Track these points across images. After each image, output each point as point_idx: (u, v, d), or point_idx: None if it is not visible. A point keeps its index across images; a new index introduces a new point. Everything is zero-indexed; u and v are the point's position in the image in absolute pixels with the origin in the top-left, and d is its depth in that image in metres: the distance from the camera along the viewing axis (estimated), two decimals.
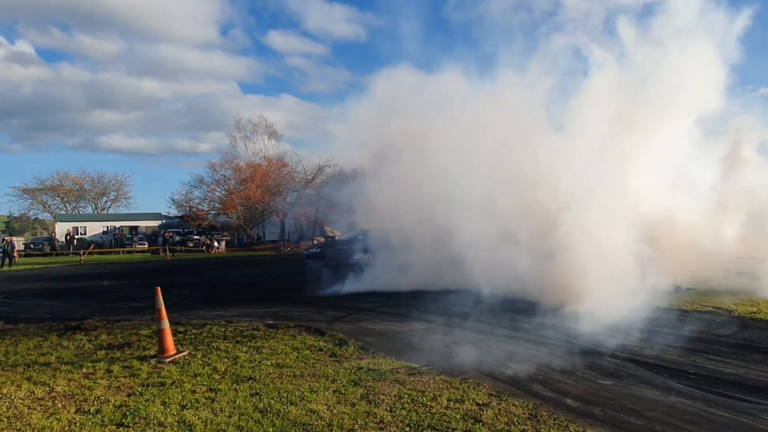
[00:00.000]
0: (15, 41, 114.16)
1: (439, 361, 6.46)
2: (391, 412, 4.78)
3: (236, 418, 4.71)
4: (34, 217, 71.05)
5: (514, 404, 4.91)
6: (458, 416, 4.64)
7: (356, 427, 4.47)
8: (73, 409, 5.05)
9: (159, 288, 7.19)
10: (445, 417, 4.63)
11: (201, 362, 6.57)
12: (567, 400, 5.07)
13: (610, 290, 9.07)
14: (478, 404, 4.92)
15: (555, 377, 5.77)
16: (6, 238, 31.67)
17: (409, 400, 5.04)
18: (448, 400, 5.04)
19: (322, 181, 48.35)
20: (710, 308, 9.49)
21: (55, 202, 67.68)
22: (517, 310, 9.82)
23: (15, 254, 29.50)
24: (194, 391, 5.46)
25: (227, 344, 7.44)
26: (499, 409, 4.79)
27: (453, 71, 14.87)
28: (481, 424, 4.48)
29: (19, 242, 46.97)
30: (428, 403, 4.97)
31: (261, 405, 4.99)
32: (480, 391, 5.30)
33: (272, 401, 5.08)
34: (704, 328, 7.99)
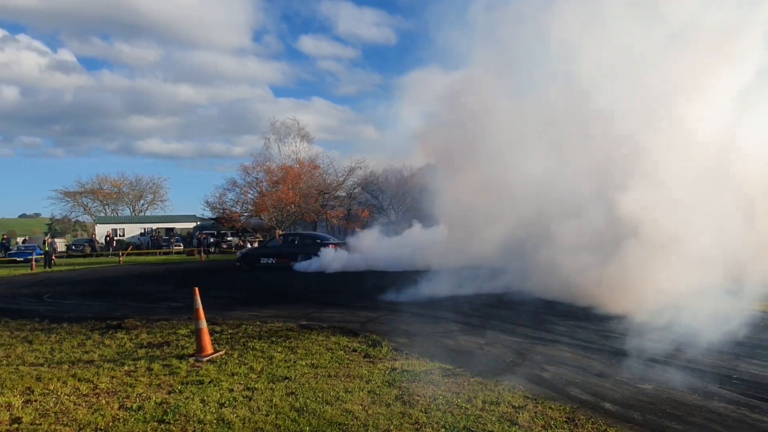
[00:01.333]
0: (58, 50, 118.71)
1: (473, 362, 6.43)
2: (426, 413, 4.77)
3: (273, 416, 4.78)
4: (75, 220, 73.65)
5: (550, 407, 4.84)
6: (494, 418, 4.61)
7: (392, 427, 4.48)
8: (116, 406, 5.21)
9: (197, 289, 7.35)
10: (480, 419, 4.60)
11: (237, 361, 6.69)
12: (605, 403, 4.97)
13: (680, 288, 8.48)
14: (513, 407, 4.87)
15: (593, 381, 5.67)
16: (47, 239, 32.73)
17: (443, 402, 5.02)
18: (483, 402, 5.01)
19: (353, 182, 48.64)
20: None
21: (95, 204, 69.99)
22: (558, 313, 9.67)
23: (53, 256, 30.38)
24: (232, 390, 5.57)
25: (262, 344, 7.56)
26: (536, 412, 4.73)
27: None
28: (517, 426, 4.44)
29: (61, 243, 48.74)
30: (463, 404, 4.95)
31: (297, 404, 5.05)
32: (515, 393, 5.24)
33: (308, 401, 5.14)
34: None
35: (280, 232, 37.13)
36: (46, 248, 29.92)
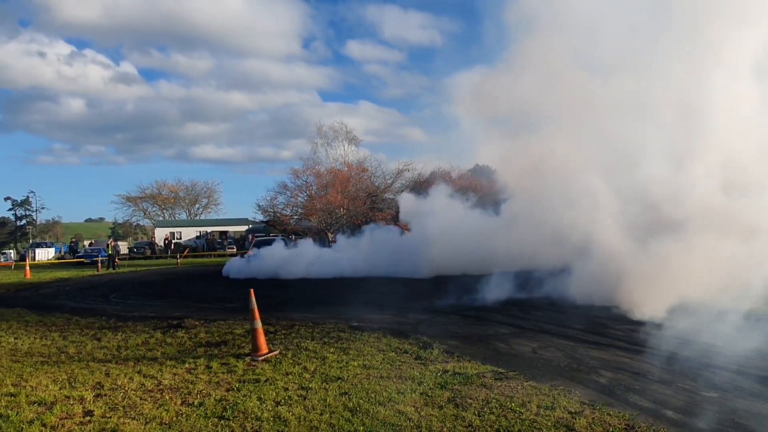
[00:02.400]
0: (120, 63, 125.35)
1: (526, 366, 6.33)
2: (479, 416, 4.74)
3: (327, 416, 4.87)
4: (135, 223, 77.23)
5: (608, 414, 4.71)
6: (549, 423, 4.52)
7: (445, 430, 4.48)
8: (179, 402, 5.45)
9: (252, 290, 7.58)
10: (535, 424, 4.53)
11: (291, 361, 6.85)
12: (667, 411, 4.79)
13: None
14: (570, 412, 4.77)
15: (652, 387, 5.47)
16: (110, 242, 34.37)
17: (497, 405, 4.98)
18: (538, 406, 4.92)
19: (401, 185, 48.67)
20: None
21: (154, 209, 73.18)
22: (610, 317, 9.38)
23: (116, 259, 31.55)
24: (287, 389, 5.71)
25: (315, 345, 7.70)
26: (593, 419, 4.61)
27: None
28: None
29: (123, 246, 51.24)
30: (517, 409, 4.88)
31: (350, 404, 5.13)
32: (571, 398, 5.13)
33: (361, 401, 5.20)
34: None
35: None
36: (110, 251, 31.51)
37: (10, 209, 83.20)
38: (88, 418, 5.07)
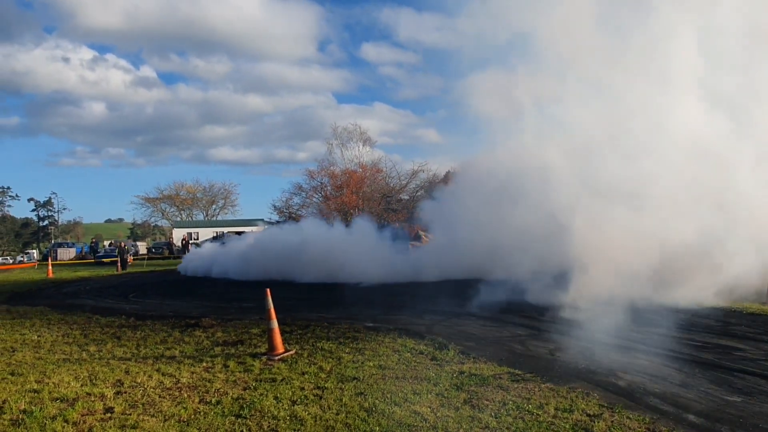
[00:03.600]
0: (140, 67, 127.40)
1: (543, 368, 6.27)
2: (496, 418, 4.71)
3: (343, 415, 4.88)
4: (154, 224, 78.31)
5: (628, 417, 4.65)
6: (567, 426, 4.48)
7: (461, 431, 4.46)
8: (197, 399, 5.50)
9: (268, 290, 7.63)
10: (553, 426, 4.49)
11: (307, 361, 6.88)
12: (689, 415, 4.71)
13: None
14: (588, 415, 4.71)
15: (673, 390, 5.38)
16: (121, 243, 34.46)
17: (514, 407, 4.94)
18: (556, 409, 4.88)
19: (416, 185, 48.59)
20: None
21: (172, 210, 74.07)
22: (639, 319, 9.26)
23: (129, 258, 31.15)
24: (303, 388, 5.73)
25: (331, 345, 7.72)
26: (612, 422, 4.55)
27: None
28: None
29: (142, 246, 51.93)
30: (534, 411, 4.84)
31: (366, 404, 5.13)
32: (590, 401, 5.07)
33: (377, 401, 5.20)
34: None
35: None
36: (117, 252, 30.67)
37: (33, 210, 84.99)
38: (108, 414, 5.15)
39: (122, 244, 33.38)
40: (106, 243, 58.82)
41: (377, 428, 4.57)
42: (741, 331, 8.19)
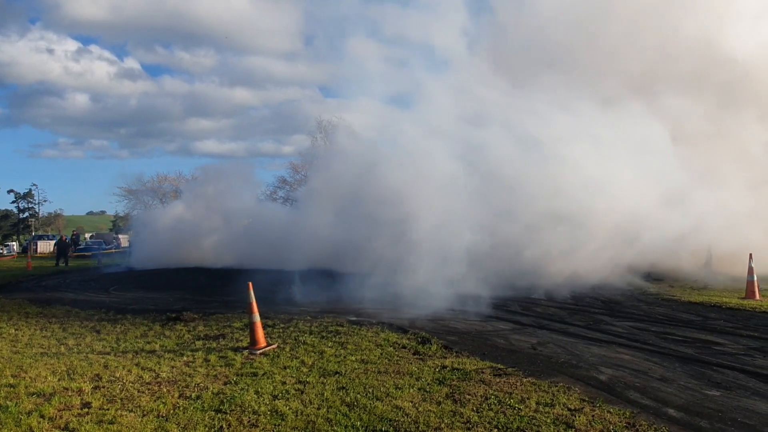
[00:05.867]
0: (125, 59, 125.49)
1: (525, 362, 6.29)
2: (477, 412, 4.71)
3: (325, 410, 4.84)
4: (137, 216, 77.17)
5: (609, 411, 4.67)
6: (548, 420, 4.49)
7: (443, 425, 4.45)
8: (176, 394, 5.42)
9: (251, 284, 7.55)
10: (534, 420, 4.49)
11: (289, 355, 6.82)
12: (668, 409, 4.75)
13: None
14: (569, 409, 4.73)
15: (654, 385, 5.43)
16: (62, 236, 33.29)
17: (495, 402, 4.94)
18: (537, 403, 4.89)
19: None
20: None
21: (155, 202, 73.10)
22: (609, 312, 9.34)
23: (70, 253, 29.21)
24: (284, 383, 5.68)
25: (313, 339, 7.67)
26: (593, 416, 4.57)
27: None
28: (573, 430, 4.31)
29: (124, 239, 51.21)
30: (516, 405, 4.85)
31: (348, 399, 5.10)
32: (571, 395, 5.09)
33: (358, 396, 5.17)
34: None
35: None
36: (55, 244, 29.16)
37: (12, 202, 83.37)
38: (86, 409, 5.05)
39: (63, 238, 32.10)
40: (88, 235, 57.94)
41: (358, 423, 4.54)
42: (720, 325, 8.31)
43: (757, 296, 10.54)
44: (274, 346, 7.24)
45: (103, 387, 5.71)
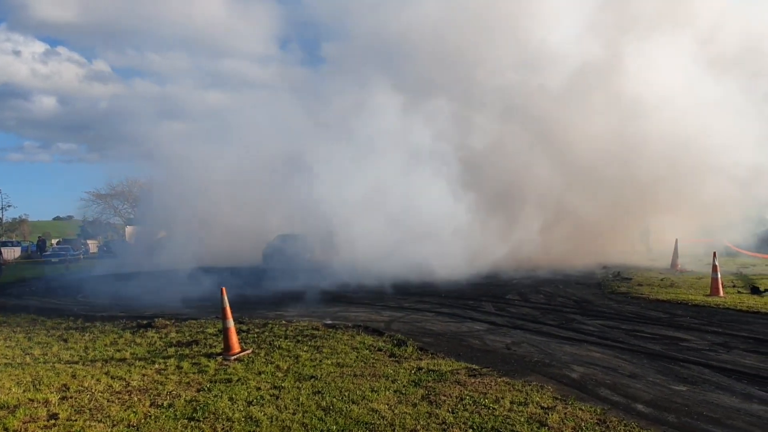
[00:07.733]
0: (94, 61, 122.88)
1: (499, 362, 6.36)
2: (453, 413, 4.74)
3: (300, 415, 4.81)
4: (106, 222, 75.37)
5: (580, 409, 4.76)
6: (522, 419, 4.55)
7: (418, 427, 4.46)
8: (148, 403, 5.31)
9: (224, 289, 7.45)
10: (508, 420, 4.55)
11: (264, 360, 6.75)
12: (638, 405, 4.87)
13: None
14: (542, 408, 4.80)
15: (624, 382, 5.55)
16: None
17: (470, 402, 4.98)
18: (511, 402, 4.95)
19: None
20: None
21: (125, 207, 71.49)
22: (585, 313, 9.51)
23: (3, 261, 26.19)
24: (259, 388, 5.62)
25: (288, 343, 7.61)
26: (565, 414, 4.65)
27: None
28: (546, 428, 4.37)
29: (93, 244, 50.01)
30: (491, 405, 4.90)
31: (323, 403, 5.07)
32: (544, 394, 5.17)
33: (334, 400, 5.15)
34: None
35: None
36: None
37: None
38: (53, 421, 4.91)
39: None
40: (54, 241, 56.33)
41: (334, 427, 4.52)
42: (686, 322, 8.55)
43: (721, 293, 10.86)
44: (248, 352, 7.16)
45: (71, 397, 5.56)
